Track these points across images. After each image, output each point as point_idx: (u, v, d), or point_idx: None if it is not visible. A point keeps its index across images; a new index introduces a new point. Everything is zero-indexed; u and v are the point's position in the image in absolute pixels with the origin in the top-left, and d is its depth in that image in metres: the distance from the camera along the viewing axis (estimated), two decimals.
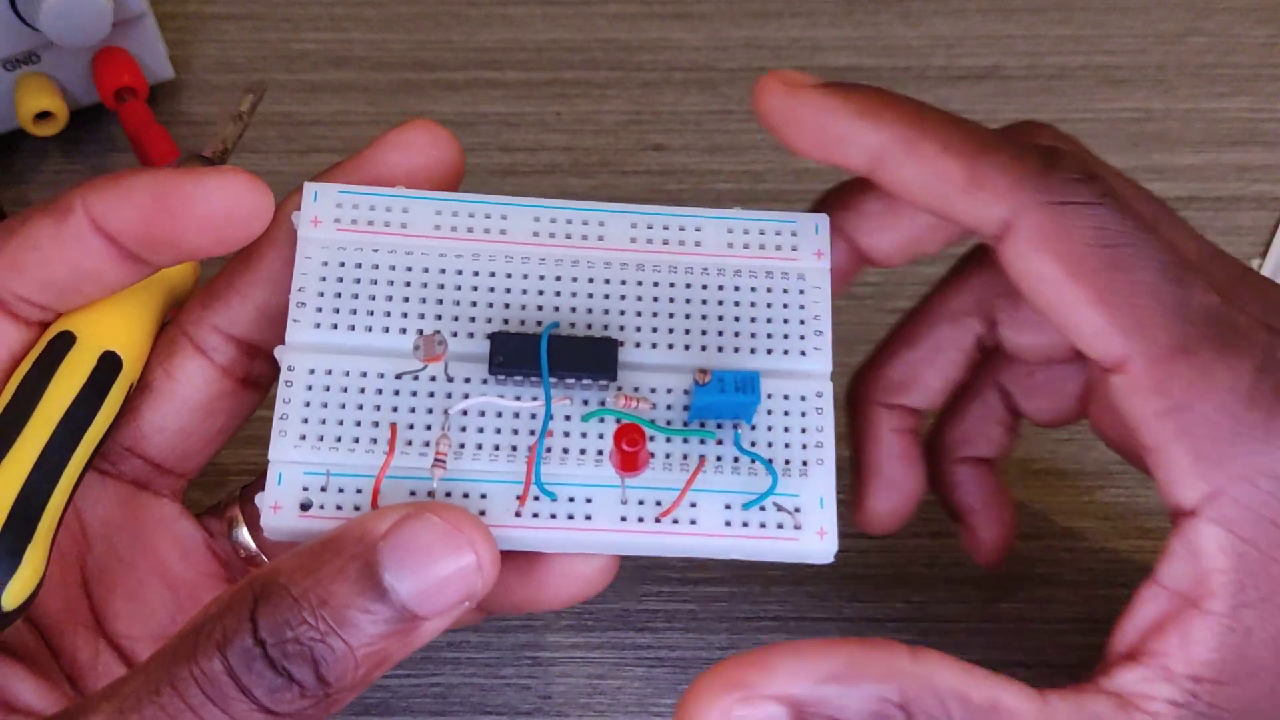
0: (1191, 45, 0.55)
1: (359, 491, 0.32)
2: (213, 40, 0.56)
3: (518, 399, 0.33)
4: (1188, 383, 0.31)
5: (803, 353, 0.34)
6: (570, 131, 0.54)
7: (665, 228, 0.35)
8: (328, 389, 0.33)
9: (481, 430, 0.33)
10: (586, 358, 0.33)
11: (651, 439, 0.33)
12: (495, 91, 0.55)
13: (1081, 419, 0.40)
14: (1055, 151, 0.33)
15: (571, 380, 0.33)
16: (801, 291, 0.35)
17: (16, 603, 0.31)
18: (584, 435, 0.33)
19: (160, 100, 0.54)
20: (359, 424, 0.33)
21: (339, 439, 0.33)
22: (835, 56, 0.55)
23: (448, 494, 0.32)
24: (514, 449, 0.33)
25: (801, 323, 0.35)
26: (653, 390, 0.34)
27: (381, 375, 0.33)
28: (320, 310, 0.34)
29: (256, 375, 0.37)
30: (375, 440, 0.33)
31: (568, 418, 0.33)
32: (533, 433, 0.33)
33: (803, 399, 0.34)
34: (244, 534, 0.37)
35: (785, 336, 0.35)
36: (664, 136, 0.54)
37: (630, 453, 0.32)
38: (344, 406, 0.33)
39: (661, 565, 0.44)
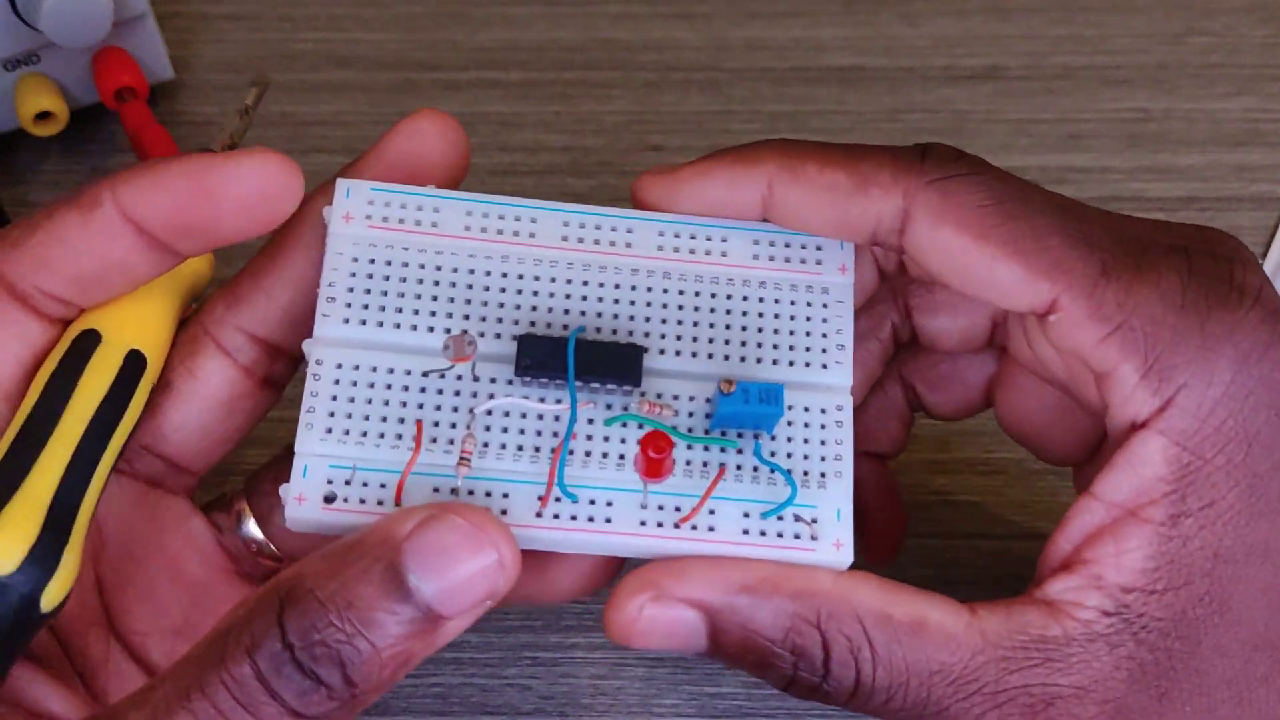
0: (1192, 45, 0.55)
1: (383, 486, 0.33)
2: (213, 40, 0.56)
3: (542, 401, 0.33)
4: (1118, 304, 0.32)
5: (824, 366, 0.35)
6: (570, 132, 0.54)
7: (692, 237, 0.36)
8: (355, 384, 0.33)
9: (506, 430, 0.33)
10: (612, 363, 0.34)
11: (673, 445, 0.33)
12: (495, 91, 0.55)
13: (983, 410, 0.40)
14: (927, 145, 0.34)
15: (596, 385, 0.34)
16: (825, 305, 0.35)
17: (54, 604, 0.31)
18: (606, 440, 0.33)
19: (160, 100, 0.54)
20: (385, 420, 0.33)
21: (364, 434, 0.33)
22: (836, 56, 0.55)
23: (470, 492, 0.33)
24: (537, 450, 0.33)
25: (824, 336, 0.35)
26: (675, 398, 0.34)
27: (409, 372, 0.34)
28: (349, 306, 0.34)
29: (276, 375, 0.37)
30: (400, 436, 0.33)
31: (590, 421, 0.34)
32: (556, 435, 0.33)
33: (823, 411, 0.34)
34: (252, 527, 0.37)
35: (807, 349, 0.35)
36: (664, 137, 0.54)
37: (656, 459, 0.32)
38: (370, 402, 0.33)
39: None
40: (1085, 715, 0.32)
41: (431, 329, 0.34)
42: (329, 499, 0.32)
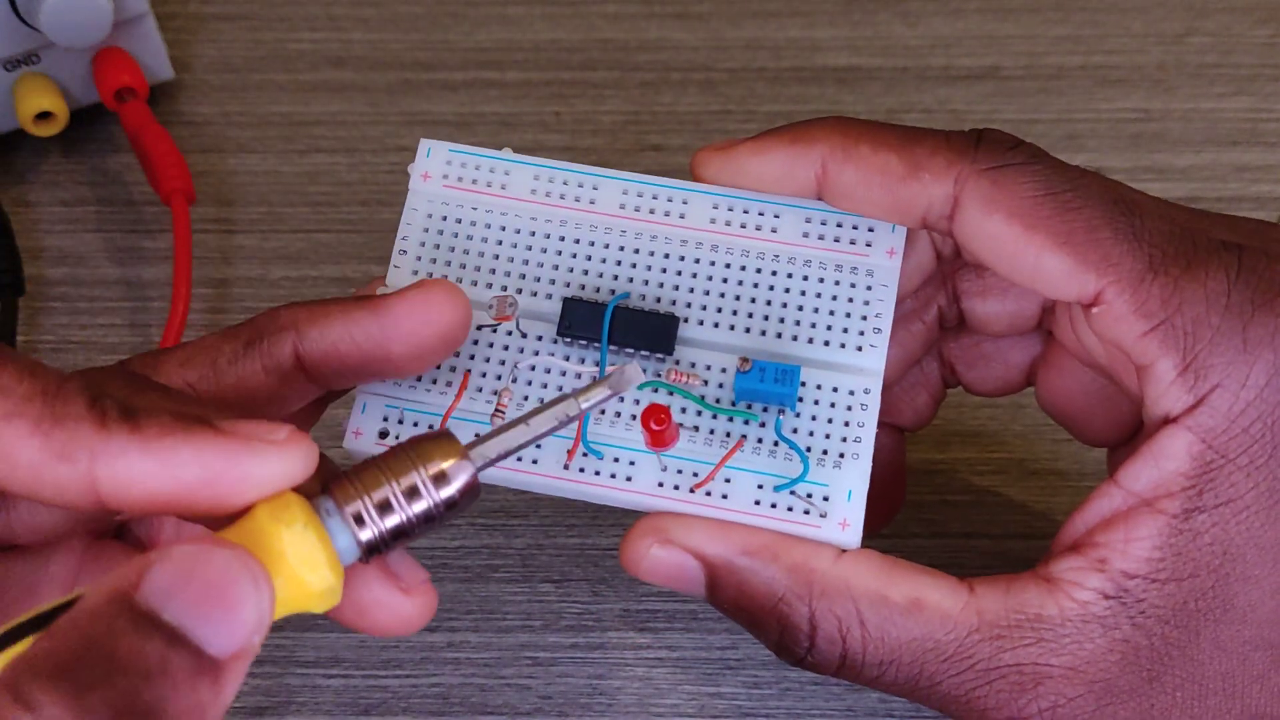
0: (1191, 45, 0.55)
1: (431, 427, 0.35)
2: (212, 40, 0.56)
3: (582, 362, 0.35)
4: (1162, 300, 0.32)
5: (859, 348, 0.35)
6: (569, 132, 0.54)
7: (745, 212, 0.37)
8: None
9: (545, 386, 0.35)
10: (647, 331, 0.35)
11: (699, 414, 0.35)
12: (493, 91, 0.55)
13: (1022, 390, 0.41)
14: (982, 130, 0.35)
15: (630, 351, 0.35)
16: (869, 288, 0.36)
17: None
18: (636, 403, 0.35)
19: (160, 100, 0.54)
20: (438, 367, 0.35)
21: (418, 378, 0.35)
22: (834, 57, 0.56)
23: None
24: None
25: (863, 319, 0.36)
26: (708, 368, 0.35)
27: None
28: (419, 259, 0.37)
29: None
30: (450, 384, 0.35)
31: None
32: None
33: (850, 393, 0.35)
34: None
35: (845, 330, 0.35)
36: (662, 137, 0.54)
37: (658, 431, 0.33)
38: None
39: None
40: (1072, 694, 0.33)
41: (490, 285, 0.36)
42: (383, 434, 0.35)
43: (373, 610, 0.30)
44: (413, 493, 0.28)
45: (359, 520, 0.28)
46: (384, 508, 0.28)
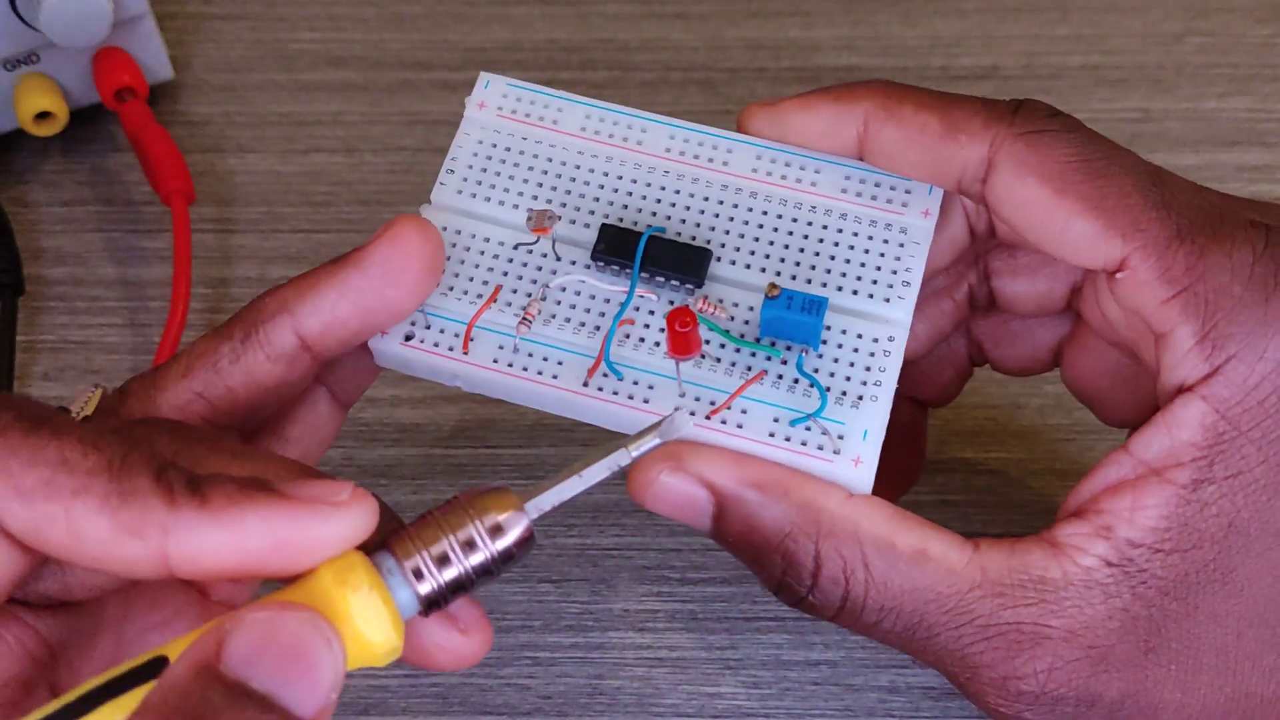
0: (1190, 45, 0.55)
1: (456, 335, 0.36)
2: (212, 40, 0.56)
3: (613, 285, 0.36)
4: (1187, 268, 0.33)
5: (887, 299, 0.36)
6: None
7: (787, 164, 0.37)
8: (453, 245, 0.37)
9: (574, 307, 0.36)
10: (680, 260, 0.36)
11: (722, 346, 0.35)
12: None
13: (1050, 370, 0.41)
14: (1022, 100, 0.35)
15: (662, 279, 0.36)
16: (901, 245, 0.36)
17: None
18: (662, 330, 0.35)
19: (160, 100, 0.54)
20: (471, 280, 0.36)
21: (451, 288, 0.36)
22: (833, 57, 0.56)
23: (530, 354, 0.35)
24: (596, 329, 0.36)
25: (894, 272, 0.36)
26: (735, 305, 0.36)
27: (502, 244, 0.37)
28: (465, 180, 0.38)
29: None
30: (480, 296, 0.36)
31: (652, 312, 0.36)
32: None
33: (875, 340, 0.35)
34: None
35: (874, 282, 0.36)
36: None
37: (682, 334, 0.33)
38: (463, 263, 0.37)
39: (662, 565, 0.44)
40: (1069, 657, 0.33)
41: (531, 210, 0.37)
42: (408, 337, 0.36)
43: (434, 653, 0.31)
44: (470, 545, 0.29)
45: (418, 575, 0.29)
46: (442, 561, 0.29)
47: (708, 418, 0.34)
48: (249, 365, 0.33)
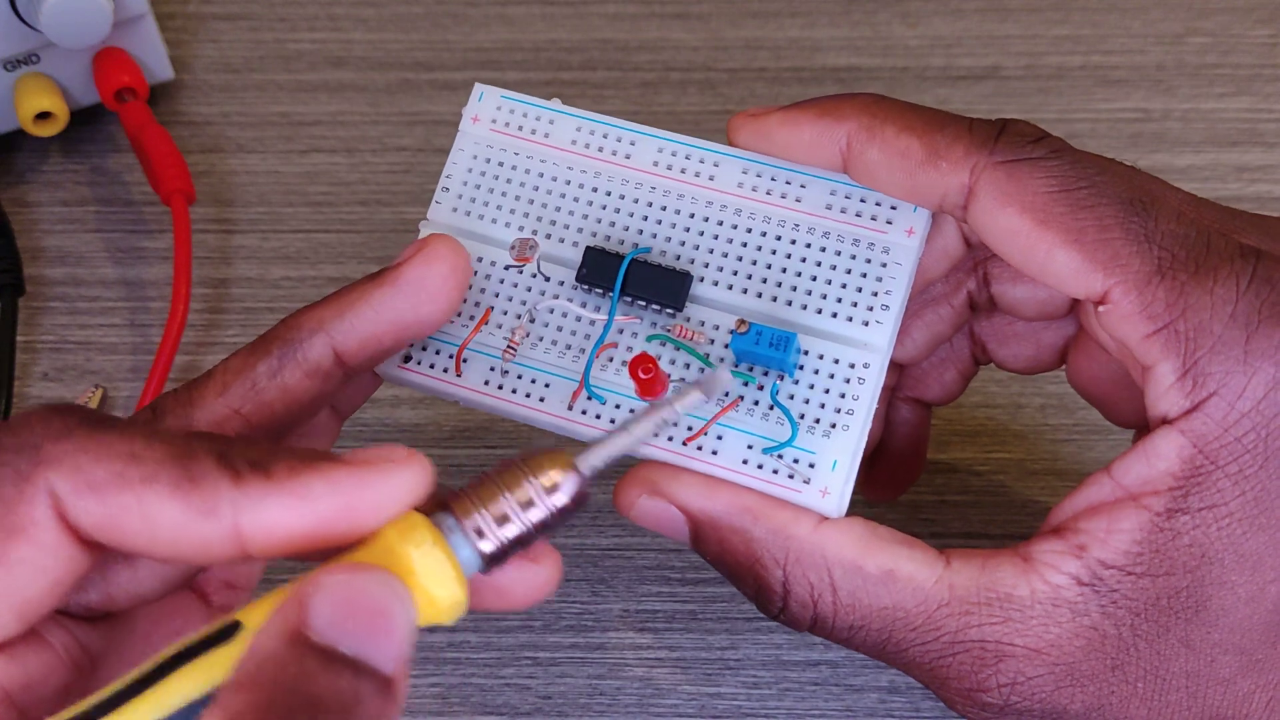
0: (1191, 45, 0.55)
1: (450, 358, 0.37)
2: (213, 40, 0.56)
3: (598, 310, 0.37)
4: (1167, 305, 0.33)
5: (865, 323, 0.35)
6: None
7: (773, 179, 0.37)
8: None
9: (560, 329, 0.37)
10: (660, 286, 0.36)
11: (701, 371, 0.36)
12: None
13: (1055, 369, 0.41)
14: (1006, 121, 0.35)
15: (642, 304, 0.36)
16: (883, 265, 0.36)
17: None
18: (629, 350, 0.36)
19: (160, 100, 0.54)
20: (464, 301, 0.37)
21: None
22: (833, 57, 0.56)
23: (519, 376, 0.37)
24: (582, 351, 0.37)
25: (873, 294, 0.36)
26: (716, 327, 0.36)
27: (494, 264, 0.38)
28: (460, 197, 0.38)
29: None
30: (473, 318, 0.37)
31: (635, 335, 0.36)
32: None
33: (850, 366, 0.35)
34: None
35: (854, 304, 0.36)
36: None
37: (646, 380, 0.35)
38: None
39: (662, 565, 0.44)
40: (1031, 673, 0.33)
41: (521, 228, 0.38)
42: (406, 358, 0.37)
43: (512, 589, 0.31)
44: (528, 503, 0.30)
45: (479, 533, 0.29)
46: (502, 520, 0.30)
47: (684, 444, 0.35)
48: (286, 382, 0.34)
